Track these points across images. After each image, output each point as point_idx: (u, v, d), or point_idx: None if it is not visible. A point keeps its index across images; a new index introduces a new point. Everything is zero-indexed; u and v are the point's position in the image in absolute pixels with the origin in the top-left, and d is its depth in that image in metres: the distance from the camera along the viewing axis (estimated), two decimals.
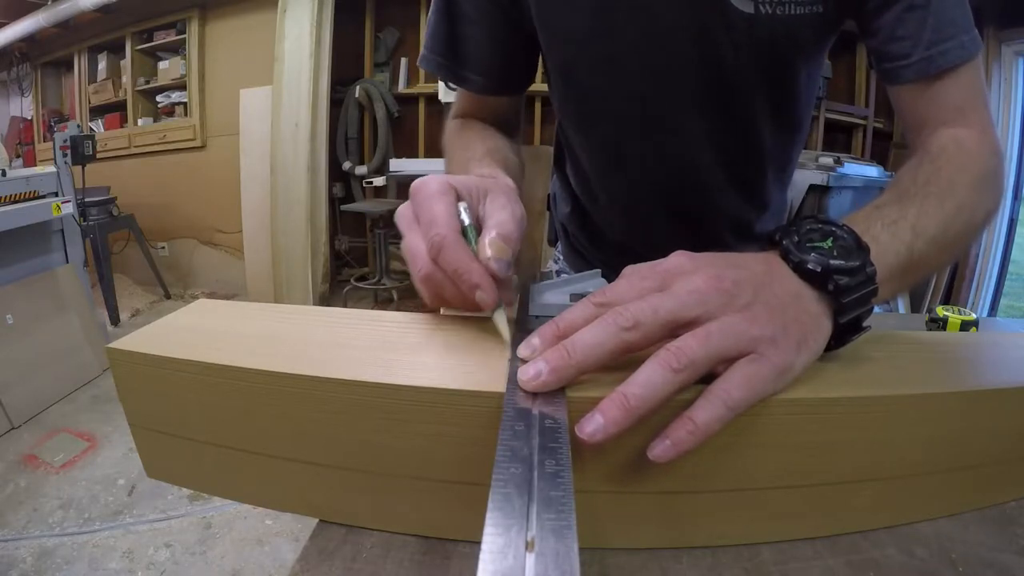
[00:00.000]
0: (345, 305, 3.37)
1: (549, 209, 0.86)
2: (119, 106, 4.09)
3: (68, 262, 2.60)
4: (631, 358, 0.30)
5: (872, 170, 2.63)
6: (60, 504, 1.77)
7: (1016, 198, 2.81)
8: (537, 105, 3.38)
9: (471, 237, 0.34)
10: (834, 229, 0.35)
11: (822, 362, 0.34)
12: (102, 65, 4.11)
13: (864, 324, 0.35)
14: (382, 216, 3.28)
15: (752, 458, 0.32)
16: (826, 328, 0.33)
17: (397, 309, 3.12)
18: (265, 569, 1.55)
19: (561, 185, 0.79)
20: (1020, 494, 0.39)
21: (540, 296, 0.38)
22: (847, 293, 0.32)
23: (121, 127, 4.07)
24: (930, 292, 2.81)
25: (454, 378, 0.32)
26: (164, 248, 4.07)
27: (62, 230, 2.56)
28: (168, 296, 3.80)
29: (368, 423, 0.32)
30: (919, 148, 0.49)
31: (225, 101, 3.65)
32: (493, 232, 0.34)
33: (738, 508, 0.34)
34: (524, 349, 0.30)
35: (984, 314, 2.84)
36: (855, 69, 3.15)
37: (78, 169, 2.85)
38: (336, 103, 3.58)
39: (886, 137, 3.14)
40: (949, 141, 0.47)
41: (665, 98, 0.58)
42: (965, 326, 0.61)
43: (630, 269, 0.33)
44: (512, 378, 0.30)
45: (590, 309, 0.31)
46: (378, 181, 3.46)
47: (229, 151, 3.63)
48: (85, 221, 2.96)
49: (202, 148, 3.84)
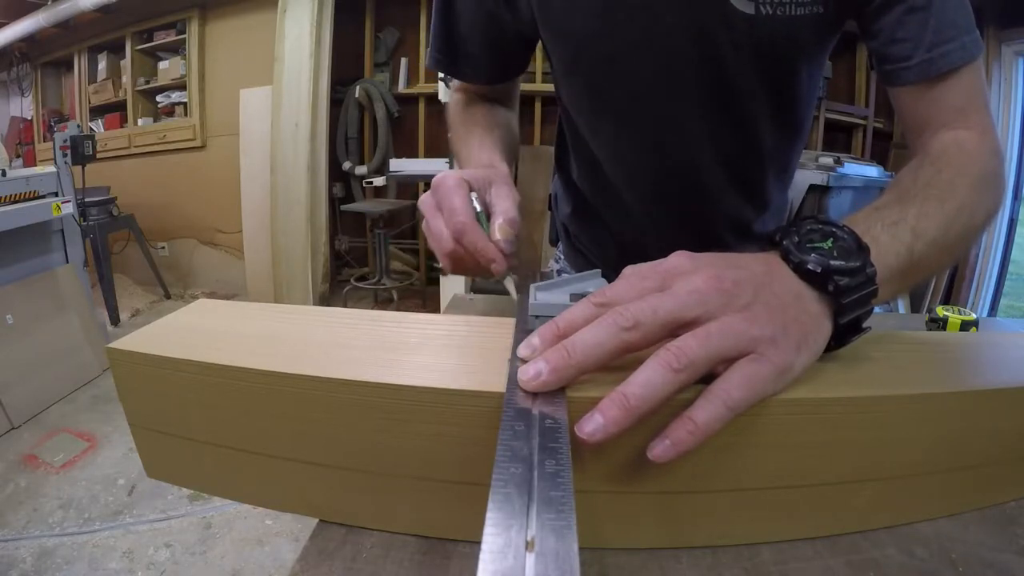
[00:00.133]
0: (345, 305, 3.37)
1: (551, 209, 0.87)
2: (119, 106, 4.09)
3: (68, 262, 2.60)
4: (631, 358, 0.30)
5: (872, 170, 2.63)
6: (60, 504, 1.77)
7: (1016, 198, 2.81)
8: (537, 105, 3.38)
9: (482, 222, 0.44)
10: (834, 230, 0.35)
11: (822, 362, 0.34)
12: (102, 65, 4.11)
13: (864, 325, 0.35)
14: (382, 216, 3.28)
15: (752, 458, 0.32)
16: (826, 328, 0.33)
17: (397, 309, 3.12)
18: (265, 569, 1.55)
19: (563, 185, 0.79)
20: (1020, 494, 0.39)
21: (540, 296, 0.38)
22: (847, 294, 0.32)
23: (121, 127, 4.07)
24: (930, 292, 2.81)
25: (454, 378, 0.32)
26: (164, 248, 4.07)
27: (62, 230, 2.56)
28: (168, 296, 3.80)
29: (368, 423, 0.32)
30: (920, 150, 0.49)
31: (225, 101, 3.65)
32: (500, 219, 0.44)
33: (738, 508, 0.34)
34: (524, 349, 0.30)
35: (984, 314, 2.84)
36: (855, 69, 3.15)
37: (78, 169, 2.85)
38: (336, 103, 3.58)
39: (886, 137, 3.14)
40: (950, 143, 0.47)
41: (666, 97, 0.58)
42: (965, 326, 0.61)
43: (630, 269, 0.33)
44: (512, 378, 0.30)
45: (590, 309, 0.31)
46: (378, 181, 3.45)
47: (229, 151, 3.63)
48: (85, 221, 2.96)
49: (202, 148, 3.84)
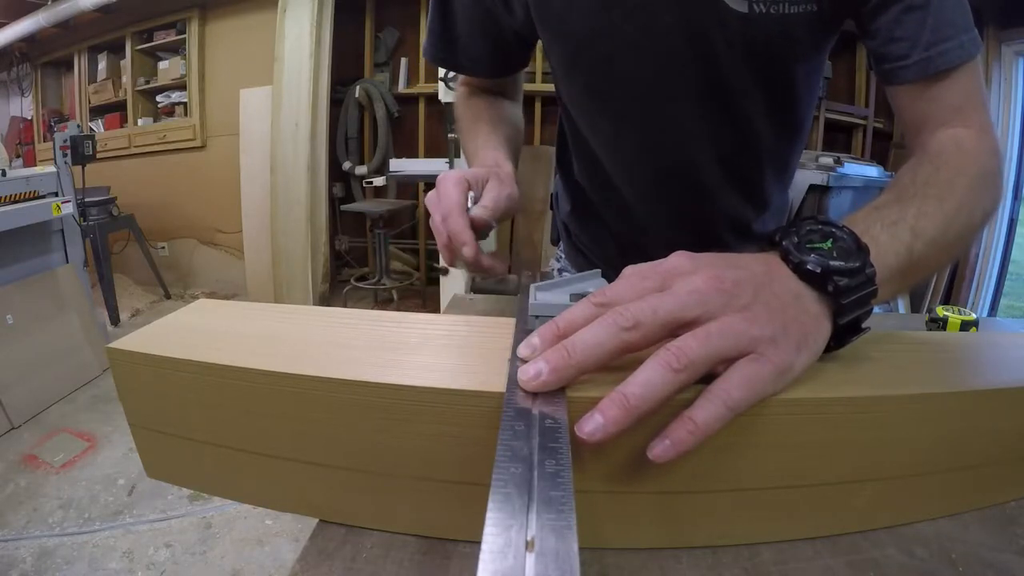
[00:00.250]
0: (345, 305, 3.37)
1: (552, 208, 0.87)
2: (119, 106, 4.09)
3: (68, 262, 2.60)
4: (631, 358, 0.30)
5: (872, 170, 2.63)
6: (60, 504, 1.76)
7: (1016, 198, 2.81)
8: (537, 105, 3.38)
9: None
10: (834, 230, 0.35)
11: (822, 362, 0.34)
12: (102, 65, 4.11)
13: (864, 325, 0.35)
14: (382, 216, 3.28)
15: (752, 458, 0.32)
16: (826, 329, 0.33)
17: (397, 309, 3.12)
18: (265, 569, 1.54)
19: (564, 184, 0.80)
20: (1020, 494, 0.39)
21: (540, 296, 0.38)
22: (847, 294, 0.33)
23: (121, 127, 4.07)
24: (930, 292, 2.81)
25: (454, 378, 0.32)
26: (164, 248, 4.07)
27: (62, 230, 2.56)
28: (168, 296, 3.79)
29: (368, 423, 0.32)
30: (918, 148, 0.49)
31: (225, 101, 3.65)
32: (479, 206, 0.49)
33: (738, 508, 0.34)
34: (524, 349, 0.30)
35: (984, 314, 2.84)
36: (855, 69, 3.15)
37: (78, 169, 2.85)
38: (336, 103, 3.58)
39: (886, 137, 3.14)
40: (948, 141, 0.47)
41: (664, 97, 0.58)
42: (965, 326, 0.61)
43: (630, 269, 0.33)
44: (512, 378, 0.30)
45: (590, 309, 0.31)
46: (378, 181, 3.45)
47: (229, 151, 3.63)
48: (85, 221, 2.96)
49: (202, 148, 3.84)
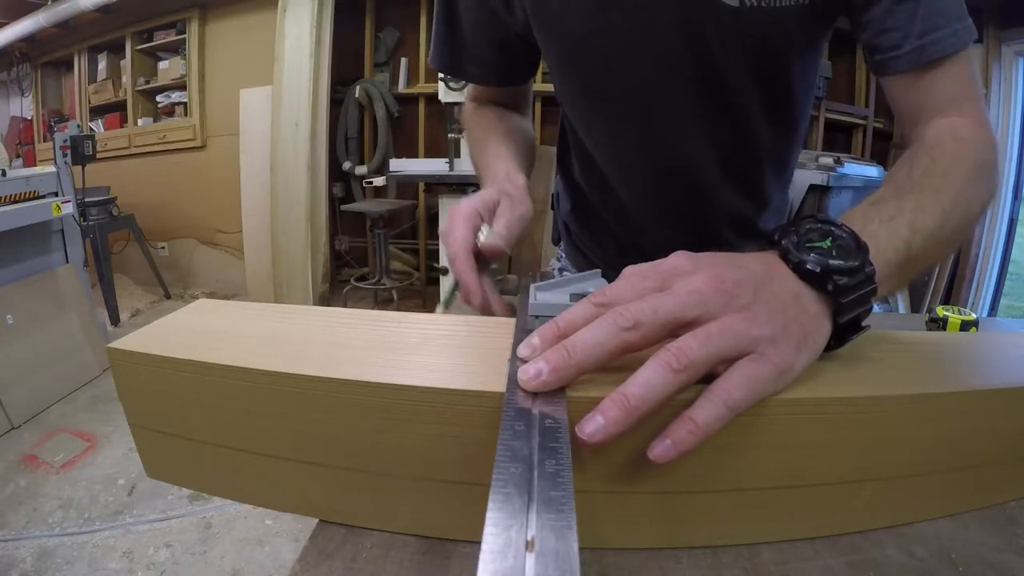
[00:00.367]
0: (345, 305, 3.37)
1: (553, 208, 0.87)
2: (119, 106, 4.09)
3: (68, 262, 2.60)
4: (631, 358, 0.30)
5: (872, 170, 2.63)
6: (60, 504, 1.76)
7: (1016, 198, 2.81)
8: (537, 105, 3.38)
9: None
10: (833, 229, 0.35)
11: (822, 362, 0.34)
12: (102, 65, 4.11)
13: (863, 323, 0.35)
14: (382, 216, 3.28)
15: (752, 458, 0.32)
16: (826, 328, 0.33)
17: (397, 309, 3.12)
18: (265, 569, 1.54)
19: (564, 183, 0.80)
20: (1020, 494, 0.39)
21: (540, 296, 0.38)
22: (846, 293, 0.32)
23: (121, 127, 4.07)
24: (930, 292, 2.81)
25: (455, 378, 0.32)
26: (164, 248, 4.07)
27: (62, 230, 2.56)
28: (168, 296, 3.79)
29: (369, 423, 0.32)
30: (915, 139, 0.49)
31: (225, 101, 3.65)
32: (490, 234, 0.47)
33: (738, 508, 0.34)
34: (524, 349, 0.30)
35: (984, 314, 2.84)
36: (855, 69, 3.15)
37: (78, 169, 2.85)
38: (336, 103, 3.58)
39: (886, 137, 3.14)
40: (944, 131, 0.47)
41: (660, 94, 0.58)
42: (965, 326, 0.61)
43: (630, 269, 0.33)
44: (512, 378, 0.30)
45: (590, 309, 0.31)
46: (378, 181, 3.45)
47: (229, 151, 3.62)
48: (85, 221, 2.96)
49: (202, 148, 3.84)
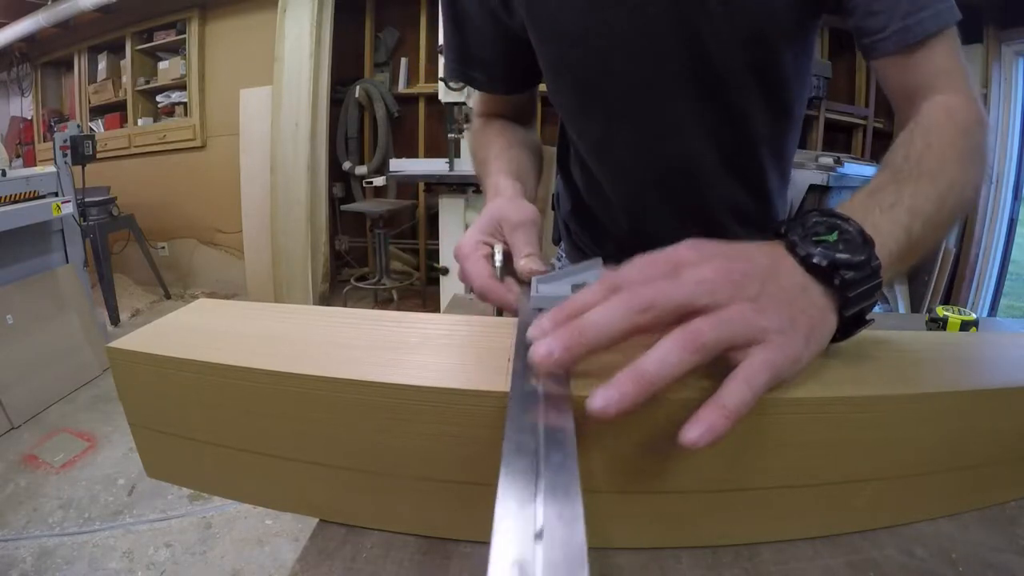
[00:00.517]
0: (345, 305, 3.37)
1: (554, 208, 0.87)
2: (119, 106, 4.09)
3: (68, 262, 2.59)
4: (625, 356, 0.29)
5: (872, 170, 2.61)
6: (60, 504, 1.76)
7: (1016, 198, 2.81)
8: (537, 105, 3.37)
9: (500, 269, 0.46)
10: (839, 222, 0.35)
11: (824, 360, 0.34)
12: (102, 65, 4.11)
13: (868, 317, 0.35)
14: (382, 216, 3.28)
15: (752, 458, 0.32)
16: (832, 321, 0.33)
17: (397, 309, 3.12)
18: (265, 569, 1.54)
19: (564, 183, 0.80)
20: (1020, 494, 0.39)
21: (542, 288, 0.38)
22: (853, 287, 0.32)
23: (121, 127, 4.07)
24: (930, 292, 2.81)
25: (456, 378, 0.32)
26: (164, 248, 4.07)
27: (62, 230, 2.56)
28: (168, 296, 3.79)
29: (369, 423, 0.32)
30: (909, 120, 0.49)
31: (225, 101, 3.64)
32: (523, 259, 0.45)
33: (738, 508, 0.34)
34: (534, 330, 0.30)
35: (984, 314, 2.84)
36: (855, 69, 3.15)
37: (78, 169, 2.84)
38: (336, 103, 3.58)
39: (886, 137, 3.14)
40: (939, 111, 0.48)
41: (654, 90, 0.59)
42: (965, 326, 0.61)
43: (640, 258, 0.33)
44: (518, 372, 0.30)
45: (601, 293, 0.30)
46: (378, 181, 3.45)
47: (229, 151, 3.62)
48: (85, 221, 2.95)
49: (202, 148, 3.83)
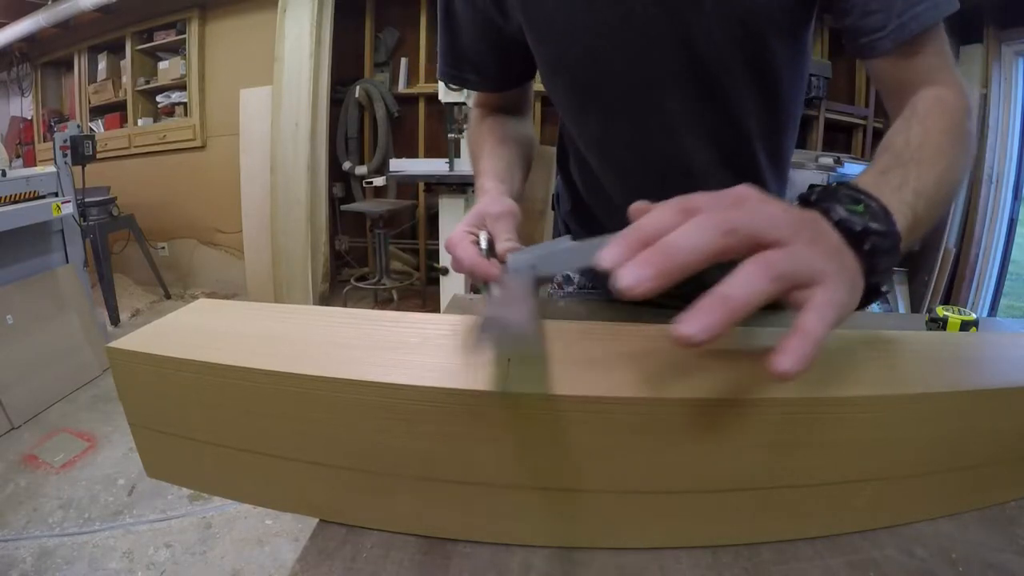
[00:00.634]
0: (345, 305, 3.37)
1: (553, 208, 0.88)
2: (119, 106, 4.09)
3: (68, 262, 2.59)
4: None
5: None
6: (60, 504, 1.76)
7: (1016, 198, 2.81)
8: (537, 105, 3.38)
9: (485, 252, 0.50)
10: (862, 196, 0.36)
11: (824, 359, 0.33)
12: (102, 65, 4.11)
13: (884, 288, 0.35)
14: (382, 216, 3.28)
15: (752, 458, 0.32)
16: (860, 285, 0.33)
17: (397, 309, 3.12)
18: (265, 569, 1.54)
19: (564, 184, 0.81)
20: (1020, 494, 0.39)
21: (512, 256, 0.44)
22: (880, 255, 0.33)
23: (121, 127, 4.07)
24: (930, 292, 2.81)
25: (455, 378, 0.32)
26: (164, 248, 4.07)
27: (62, 230, 2.56)
28: (168, 296, 3.79)
29: (369, 423, 0.32)
30: (905, 108, 0.51)
31: (225, 101, 3.64)
32: (502, 243, 0.48)
33: (738, 508, 0.34)
34: (607, 256, 0.28)
35: (984, 314, 2.84)
36: (855, 69, 3.15)
37: (78, 169, 2.84)
38: (336, 103, 3.58)
39: None
40: (933, 101, 0.49)
41: (649, 86, 0.59)
42: (965, 326, 0.61)
43: (699, 193, 0.31)
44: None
45: (675, 215, 0.29)
46: (378, 181, 3.45)
47: (229, 151, 3.62)
48: (85, 221, 2.95)
49: (202, 148, 3.83)
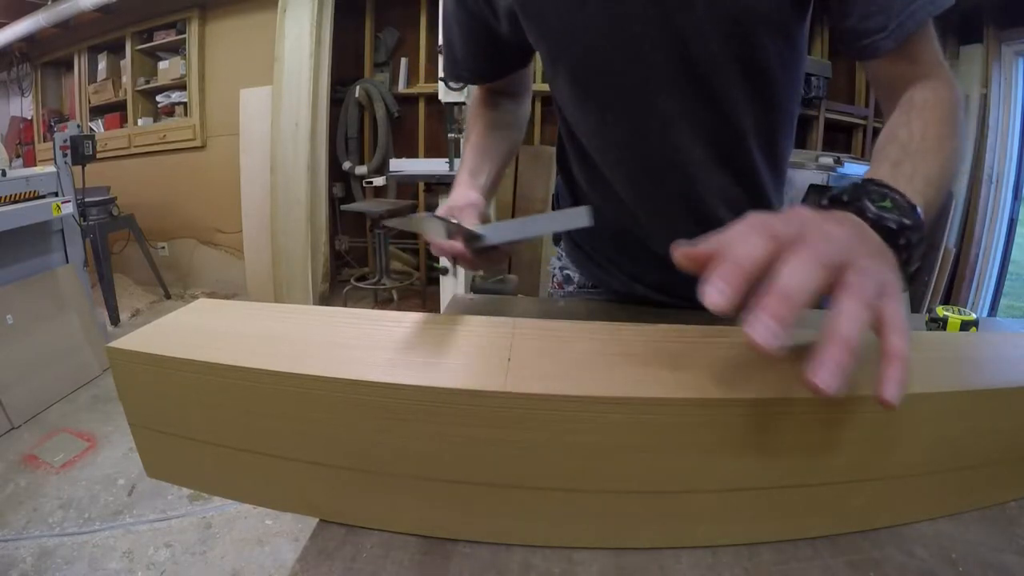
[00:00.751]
0: (345, 305, 3.37)
1: (554, 208, 0.88)
2: (119, 106, 4.09)
3: (68, 262, 2.59)
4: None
5: None
6: (60, 504, 1.76)
7: (1016, 198, 2.81)
8: (537, 105, 3.38)
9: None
10: (887, 191, 0.36)
11: None
12: (102, 65, 4.11)
13: (913, 277, 0.36)
14: (382, 216, 3.28)
15: (752, 458, 0.32)
16: (901, 281, 0.34)
17: (397, 309, 3.12)
18: (265, 569, 1.54)
19: (564, 182, 0.81)
20: (1020, 494, 0.39)
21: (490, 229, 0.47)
22: (913, 248, 0.34)
23: (121, 127, 4.07)
24: (930, 292, 2.81)
25: (456, 378, 0.32)
26: (164, 248, 4.07)
27: (62, 230, 2.56)
28: (168, 296, 3.79)
29: (369, 423, 0.32)
30: (902, 102, 0.52)
31: (225, 101, 3.65)
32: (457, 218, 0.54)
33: (738, 508, 0.34)
34: (716, 298, 0.27)
35: (984, 314, 2.84)
36: (855, 69, 3.15)
37: (78, 169, 2.84)
38: (336, 103, 3.58)
39: None
40: (929, 94, 0.51)
41: (641, 81, 0.59)
42: (965, 326, 0.61)
43: (756, 215, 0.31)
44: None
45: (767, 243, 0.29)
46: (378, 181, 3.45)
47: (229, 151, 3.62)
48: (85, 221, 2.95)
49: (202, 148, 3.84)
